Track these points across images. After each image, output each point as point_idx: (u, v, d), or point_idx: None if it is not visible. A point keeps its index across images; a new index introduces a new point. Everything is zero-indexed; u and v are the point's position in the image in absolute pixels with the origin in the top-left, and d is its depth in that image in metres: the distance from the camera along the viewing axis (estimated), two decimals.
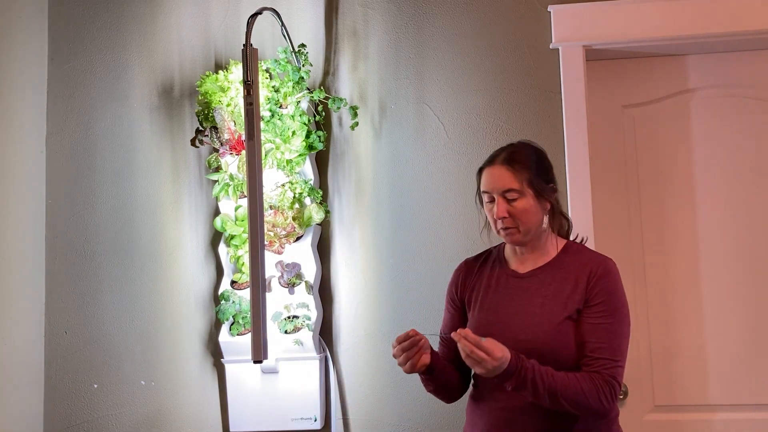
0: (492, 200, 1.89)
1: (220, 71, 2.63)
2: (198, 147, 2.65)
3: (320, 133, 2.64)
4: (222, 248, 2.64)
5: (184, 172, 2.78)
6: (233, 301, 2.57)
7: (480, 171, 1.94)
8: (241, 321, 2.57)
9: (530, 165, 1.87)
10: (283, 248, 2.58)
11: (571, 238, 2.00)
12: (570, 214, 2.52)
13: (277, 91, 2.59)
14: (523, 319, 1.85)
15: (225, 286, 2.61)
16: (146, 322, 2.73)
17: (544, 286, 1.87)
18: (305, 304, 2.55)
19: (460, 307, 2.01)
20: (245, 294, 2.55)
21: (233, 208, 2.61)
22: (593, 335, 1.81)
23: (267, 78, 2.60)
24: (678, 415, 2.62)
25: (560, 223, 1.96)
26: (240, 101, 2.56)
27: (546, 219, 1.89)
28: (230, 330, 2.58)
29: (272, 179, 2.56)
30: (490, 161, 1.91)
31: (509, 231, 1.87)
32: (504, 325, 1.85)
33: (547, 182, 1.89)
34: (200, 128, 2.63)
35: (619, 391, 1.81)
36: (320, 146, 2.64)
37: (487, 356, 1.69)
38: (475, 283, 1.98)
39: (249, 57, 2.33)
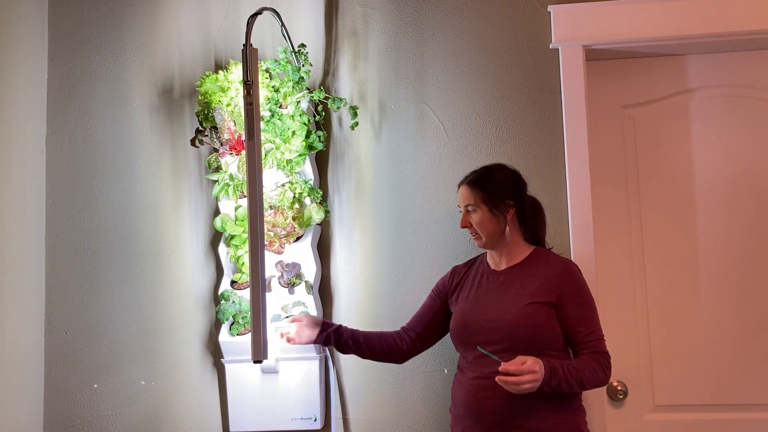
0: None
1: (220, 71, 2.63)
2: (198, 147, 2.65)
3: (320, 133, 2.64)
4: (222, 248, 2.64)
5: (184, 172, 2.78)
6: (233, 301, 2.57)
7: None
8: (241, 321, 2.57)
9: (486, 185, 2.23)
10: (283, 248, 2.58)
11: (548, 247, 2.34)
12: (570, 214, 2.54)
13: (277, 91, 2.59)
14: (498, 305, 2.20)
15: (225, 286, 2.61)
16: (146, 322, 2.73)
17: (516, 280, 2.23)
18: (305, 303, 2.55)
19: (443, 300, 2.36)
20: (245, 294, 2.55)
21: (233, 208, 2.61)
22: (580, 324, 2.17)
23: (267, 78, 2.60)
24: (678, 415, 2.62)
25: (532, 232, 2.29)
26: (240, 101, 2.56)
27: (507, 228, 2.23)
28: (230, 330, 2.58)
29: (272, 179, 2.56)
30: (462, 181, 2.29)
31: (474, 237, 2.27)
32: (483, 309, 2.22)
33: (502, 200, 2.23)
34: (200, 128, 2.63)
35: (610, 359, 2.17)
36: (320, 146, 2.64)
37: (531, 374, 2.00)
38: (463, 283, 2.33)
39: (249, 57, 2.33)
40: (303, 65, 2.62)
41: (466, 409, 2.17)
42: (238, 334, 2.56)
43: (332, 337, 2.34)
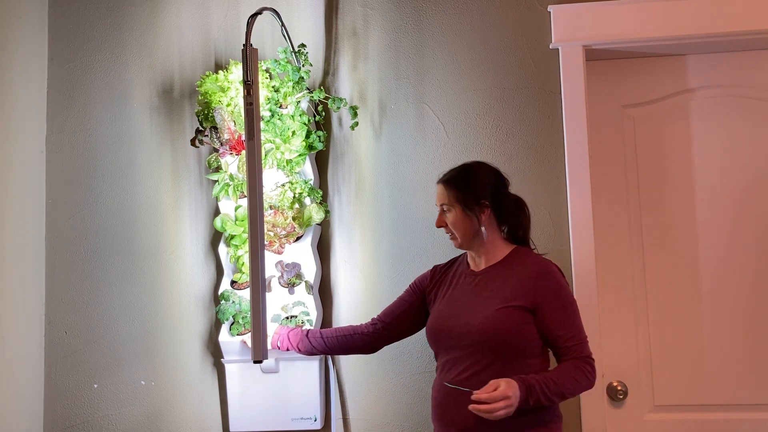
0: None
1: (220, 71, 2.63)
2: (198, 147, 2.65)
3: (320, 133, 2.64)
4: (222, 248, 2.64)
5: (184, 172, 2.78)
6: (233, 301, 2.57)
7: None
8: (241, 321, 2.57)
9: (461, 184, 2.17)
10: (283, 248, 2.58)
11: (532, 246, 2.26)
12: (570, 214, 2.53)
13: (277, 91, 2.59)
14: (472, 308, 2.12)
15: (225, 286, 2.61)
16: (146, 322, 2.73)
17: (491, 282, 2.15)
18: (305, 303, 2.55)
19: (419, 296, 2.32)
20: (245, 294, 2.55)
21: (233, 208, 2.61)
22: (560, 329, 2.07)
23: (267, 78, 2.60)
24: (678, 415, 2.62)
25: (513, 232, 2.21)
26: (240, 101, 2.56)
27: (483, 229, 2.16)
28: (230, 330, 2.58)
29: (272, 179, 2.56)
30: (439, 179, 2.23)
31: (450, 237, 2.22)
32: (458, 312, 2.15)
33: (477, 200, 2.15)
34: (200, 128, 2.63)
35: (594, 362, 2.08)
36: (320, 146, 2.64)
37: (504, 401, 1.93)
38: (441, 283, 2.27)
39: (249, 57, 2.33)
40: (303, 65, 2.62)
41: (435, 413, 2.15)
42: (238, 334, 2.56)
43: (286, 339, 2.40)
